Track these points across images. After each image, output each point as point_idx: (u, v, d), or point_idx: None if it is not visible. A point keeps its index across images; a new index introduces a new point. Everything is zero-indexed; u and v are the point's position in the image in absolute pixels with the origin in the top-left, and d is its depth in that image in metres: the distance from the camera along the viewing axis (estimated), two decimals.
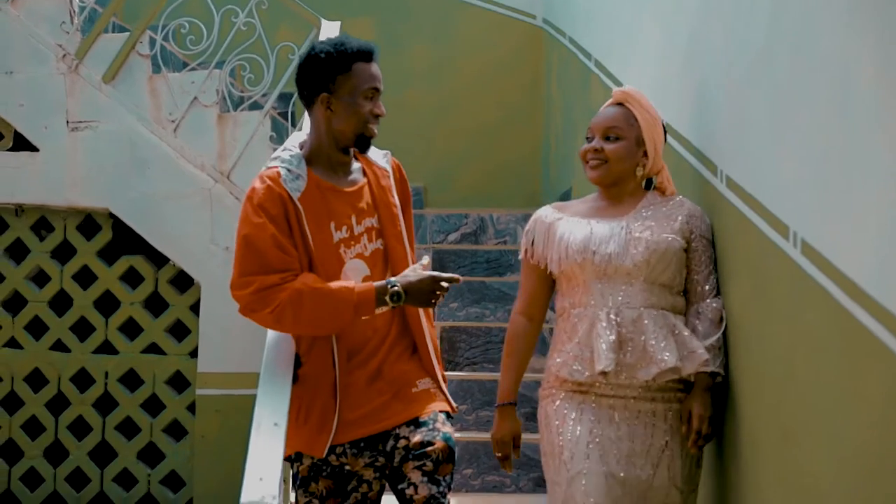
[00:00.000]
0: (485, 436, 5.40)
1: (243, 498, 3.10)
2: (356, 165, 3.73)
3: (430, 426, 3.58)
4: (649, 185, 3.96)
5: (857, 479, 2.70)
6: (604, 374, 3.60)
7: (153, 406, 7.22)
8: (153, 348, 7.22)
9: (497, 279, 6.75)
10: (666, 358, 3.57)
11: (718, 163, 3.94)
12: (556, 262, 3.76)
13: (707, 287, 3.76)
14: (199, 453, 7.00)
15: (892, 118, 2.54)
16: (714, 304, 3.73)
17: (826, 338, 2.93)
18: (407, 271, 3.59)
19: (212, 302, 6.99)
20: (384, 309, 3.57)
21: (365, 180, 3.71)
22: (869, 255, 2.65)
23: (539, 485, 5.32)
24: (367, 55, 3.62)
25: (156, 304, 7.28)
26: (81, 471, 7.21)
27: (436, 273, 3.55)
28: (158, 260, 7.24)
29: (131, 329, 7.26)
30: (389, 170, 3.78)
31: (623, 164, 3.78)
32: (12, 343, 7.25)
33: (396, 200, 3.74)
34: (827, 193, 2.93)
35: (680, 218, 3.76)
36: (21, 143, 7.26)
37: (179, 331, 7.25)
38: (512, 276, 6.96)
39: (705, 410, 3.63)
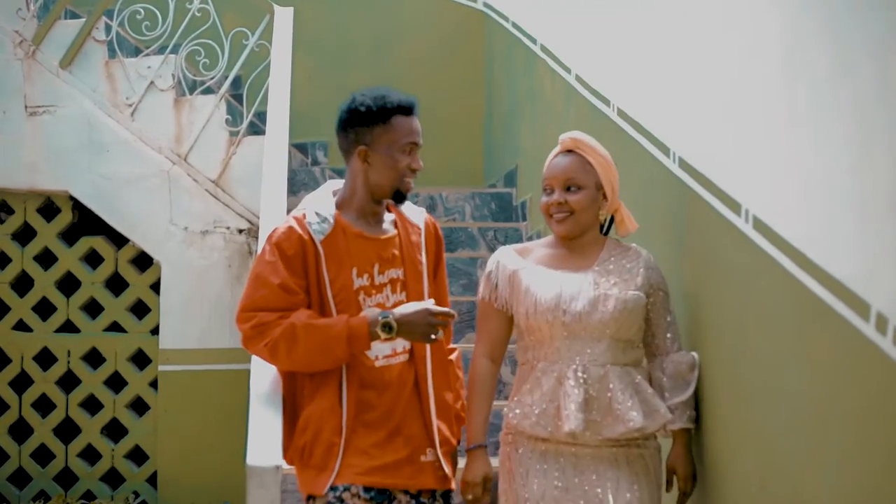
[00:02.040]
0: None
1: (249, 461, 3.31)
2: (389, 217, 3.70)
3: None
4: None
5: (807, 432, 3.00)
6: (572, 434, 3.59)
7: (116, 383, 7.41)
8: (115, 327, 7.41)
9: (449, 255, 6.94)
10: (633, 417, 3.58)
11: (671, 144, 4.22)
12: (524, 316, 3.71)
13: (668, 338, 3.77)
14: (161, 428, 7.22)
15: (839, 96, 2.83)
16: (677, 360, 3.75)
17: (776, 305, 3.21)
18: (406, 305, 3.56)
19: (171, 281, 7.20)
20: (379, 342, 3.54)
21: (395, 232, 3.67)
22: (816, 227, 2.95)
23: None
24: (406, 109, 3.61)
25: (116, 284, 7.46)
26: (46, 447, 7.38)
27: (431, 306, 3.51)
28: (118, 240, 7.42)
29: (93, 308, 7.45)
30: (422, 227, 3.74)
31: (588, 213, 3.74)
32: None
33: (424, 259, 3.70)
34: (776, 171, 3.21)
35: (641, 271, 3.74)
36: None
37: (140, 309, 7.44)
38: (462, 251, 7.20)
39: (689, 469, 3.72)
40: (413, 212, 3.77)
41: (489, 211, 7.74)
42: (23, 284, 7.47)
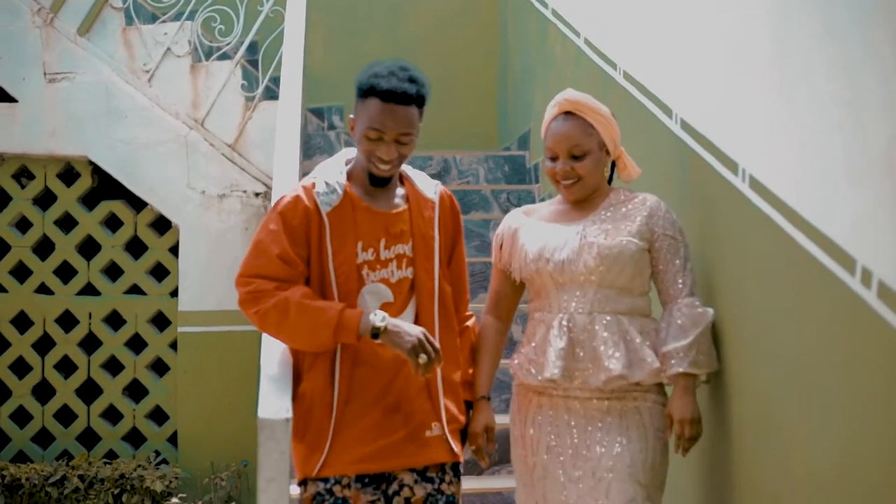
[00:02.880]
0: None
1: (260, 414, 3.40)
2: (401, 191, 3.62)
3: (436, 485, 3.57)
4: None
5: (800, 382, 3.10)
6: (552, 380, 3.62)
7: (136, 344, 7.55)
8: (135, 289, 7.54)
9: (463, 217, 7.06)
10: (611, 366, 3.57)
11: (673, 106, 4.30)
12: (518, 270, 3.77)
13: (678, 285, 3.69)
14: (181, 388, 7.35)
15: (828, 59, 2.92)
16: (684, 307, 3.65)
17: (771, 261, 3.31)
18: (407, 323, 3.44)
19: (190, 244, 7.32)
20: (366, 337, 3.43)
21: (405, 207, 3.58)
22: (807, 185, 3.03)
23: None
24: (388, 95, 3.43)
25: (136, 247, 7.60)
26: (69, 408, 7.54)
27: (427, 335, 3.40)
28: (137, 205, 7.55)
29: (113, 271, 7.59)
30: (436, 201, 3.65)
31: (595, 176, 3.74)
32: None
33: (437, 234, 3.62)
34: (772, 132, 3.30)
35: (639, 219, 3.69)
36: (0, 95, 7.53)
37: (159, 272, 7.57)
38: (475, 213, 7.28)
39: (685, 414, 3.58)
40: (426, 185, 3.68)
41: (502, 173, 7.82)
42: (44, 248, 7.61)
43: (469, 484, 5.07)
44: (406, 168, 3.68)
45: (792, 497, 3.15)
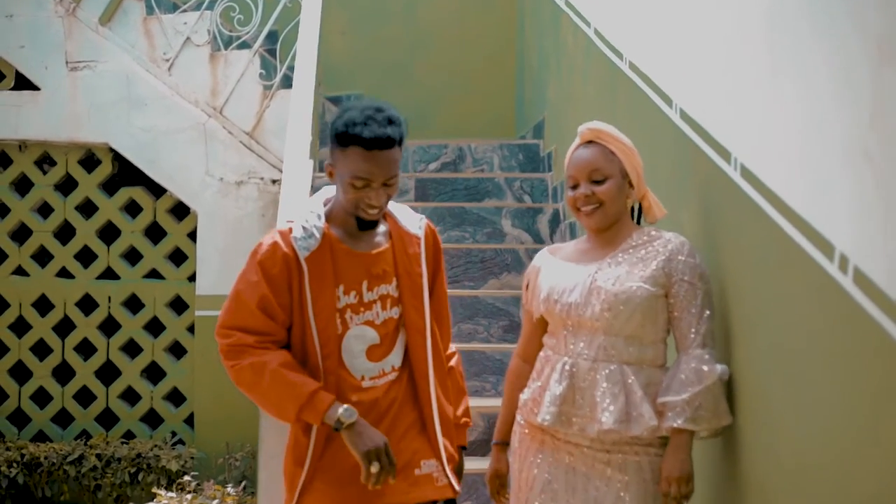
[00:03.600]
0: (466, 345, 5.88)
1: None
2: (382, 228, 3.50)
3: None
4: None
5: (785, 369, 3.19)
6: (542, 425, 3.53)
7: (154, 328, 7.72)
8: (153, 274, 7.70)
9: (475, 205, 7.17)
10: (603, 419, 3.44)
11: (673, 96, 4.39)
12: (536, 309, 3.68)
13: (691, 335, 3.50)
14: (198, 371, 7.52)
15: (819, 51, 3.01)
16: (692, 360, 3.47)
17: (760, 250, 3.39)
18: (374, 430, 3.31)
19: (208, 229, 7.47)
20: (365, 361, 3.42)
21: (388, 245, 3.48)
22: (791, 173, 3.12)
23: None
24: (369, 143, 3.31)
25: (155, 233, 7.76)
26: (88, 389, 7.71)
27: (388, 446, 3.29)
28: (157, 191, 7.71)
29: (132, 256, 7.76)
30: (421, 237, 3.54)
31: (617, 203, 3.60)
32: (20, 271, 7.74)
33: (424, 270, 3.52)
34: (760, 121, 3.39)
35: (654, 263, 3.54)
36: (23, 83, 7.68)
37: (178, 257, 7.74)
38: (489, 201, 7.37)
39: (673, 472, 3.45)
40: (410, 220, 3.56)
41: (516, 162, 7.91)
42: (65, 233, 7.77)
43: (470, 464, 5.18)
44: (390, 204, 3.53)
45: (779, 486, 3.24)
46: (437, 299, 3.60)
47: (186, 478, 5.98)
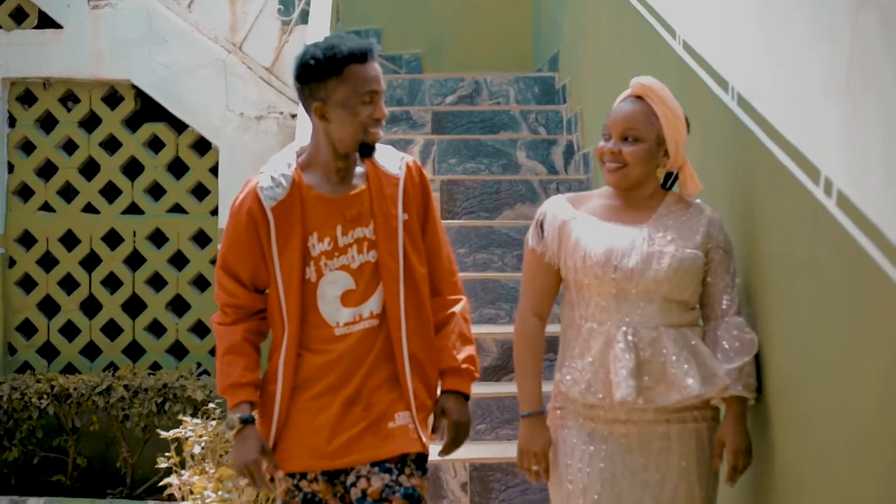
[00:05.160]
0: (480, 274, 6.01)
1: None
2: (359, 170, 3.41)
3: (394, 476, 3.34)
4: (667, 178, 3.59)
5: (776, 289, 3.31)
6: (624, 402, 3.27)
7: (179, 261, 7.87)
8: (177, 208, 7.85)
9: (491, 137, 7.28)
10: (689, 384, 3.24)
11: (677, 28, 4.49)
12: (572, 269, 3.38)
13: (725, 302, 3.38)
14: None
15: None
16: (733, 329, 3.35)
17: (753, 175, 3.50)
18: (253, 442, 3.31)
19: (229, 164, 7.60)
20: (341, 306, 3.36)
21: (364, 187, 3.39)
22: (784, 103, 3.23)
23: None
24: (360, 56, 3.27)
25: (178, 168, 7.90)
26: (115, 322, 7.88)
27: (253, 471, 3.30)
28: (178, 126, 7.83)
29: (156, 191, 7.90)
30: (401, 177, 3.42)
31: (643, 168, 3.40)
32: (46, 207, 7.90)
33: (400, 212, 3.40)
34: (755, 56, 3.49)
35: (701, 229, 3.39)
36: (45, 21, 7.80)
37: (200, 192, 7.88)
38: (504, 133, 7.48)
39: (741, 444, 3.33)
40: (390, 159, 3.45)
41: (532, 94, 8.00)
42: (90, 169, 7.91)
43: (485, 389, 5.33)
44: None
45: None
46: (430, 241, 3.50)
47: (211, 405, 6.14)
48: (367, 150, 3.34)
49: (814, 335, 2.98)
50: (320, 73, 3.27)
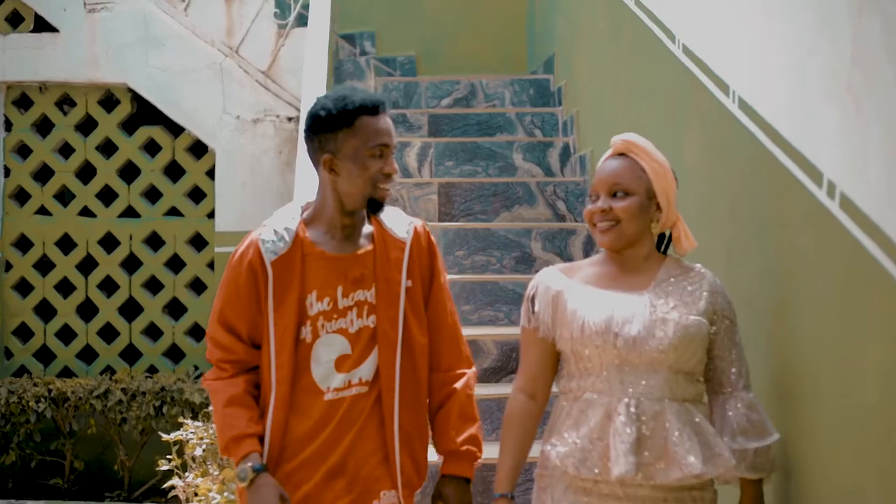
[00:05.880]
0: (479, 276, 6.03)
1: None
2: (367, 230, 3.29)
3: None
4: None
5: (779, 286, 3.33)
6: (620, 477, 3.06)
7: (175, 264, 7.90)
8: (173, 211, 7.88)
9: (487, 139, 7.29)
10: (691, 462, 3.02)
11: (676, 32, 4.51)
12: (569, 340, 3.18)
13: (733, 374, 3.19)
14: None
15: None
16: (742, 408, 3.17)
17: (756, 177, 3.53)
18: (270, 491, 3.12)
19: (225, 167, 7.63)
20: (335, 371, 3.20)
21: (370, 248, 3.25)
22: (787, 107, 3.26)
23: None
24: (372, 109, 3.17)
25: (174, 171, 7.91)
26: (111, 325, 7.90)
27: None
28: (175, 130, 7.85)
29: (152, 194, 7.92)
30: (408, 241, 3.29)
31: (636, 223, 3.20)
32: (42, 211, 7.92)
33: (404, 278, 3.27)
34: (757, 59, 3.52)
35: (704, 295, 3.18)
36: (42, 25, 7.82)
37: (197, 195, 7.89)
38: (501, 135, 7.48)
39: None
40: (398, 223, 3.32)
41: (527, 97, 8.01)
42: (86, 173, 7.93)
43: (485, 390, 5.34)
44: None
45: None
46: (434, 309, 3.36)
47: (210, 409, 6.15)
48: (375, 207, 3.23)
49: (817, 337, 3.00)
50: (331, 125, 3.18)
